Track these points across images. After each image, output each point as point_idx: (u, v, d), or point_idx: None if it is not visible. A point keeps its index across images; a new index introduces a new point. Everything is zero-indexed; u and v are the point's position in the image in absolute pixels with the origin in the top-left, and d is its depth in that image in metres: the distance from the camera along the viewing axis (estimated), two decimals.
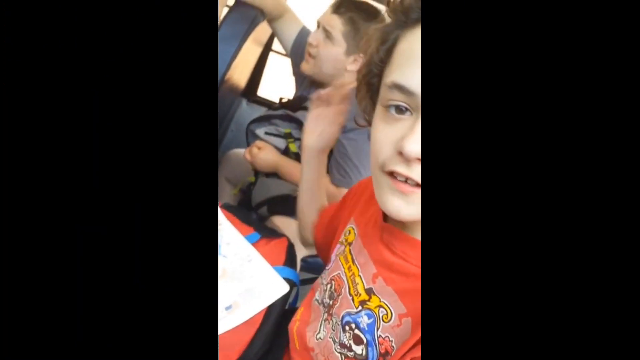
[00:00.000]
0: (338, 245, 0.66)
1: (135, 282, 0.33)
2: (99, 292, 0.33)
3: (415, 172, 0.43)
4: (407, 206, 0.45)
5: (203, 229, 0.34)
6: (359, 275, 0.57)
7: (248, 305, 0.68)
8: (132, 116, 0.34)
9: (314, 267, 0.89)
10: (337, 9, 1.18)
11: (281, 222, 1.26)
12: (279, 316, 0.70)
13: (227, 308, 0.67)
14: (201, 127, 0.35)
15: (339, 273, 0.61)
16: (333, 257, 0.65)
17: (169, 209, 0.34)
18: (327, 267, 0.66)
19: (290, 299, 0.80)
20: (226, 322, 0.65)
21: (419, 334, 0.47)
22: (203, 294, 0.34)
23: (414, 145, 0.41)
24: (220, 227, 0.82)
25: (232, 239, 0.81)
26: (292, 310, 0.74)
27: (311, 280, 0.87)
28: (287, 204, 1.29)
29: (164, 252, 0.34)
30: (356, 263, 0.59)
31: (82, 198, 0.33)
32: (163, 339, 0.33)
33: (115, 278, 0.33)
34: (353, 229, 0.65)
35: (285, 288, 0.73)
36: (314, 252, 1.31)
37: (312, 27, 1.33)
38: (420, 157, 0.42)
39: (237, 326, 0.64)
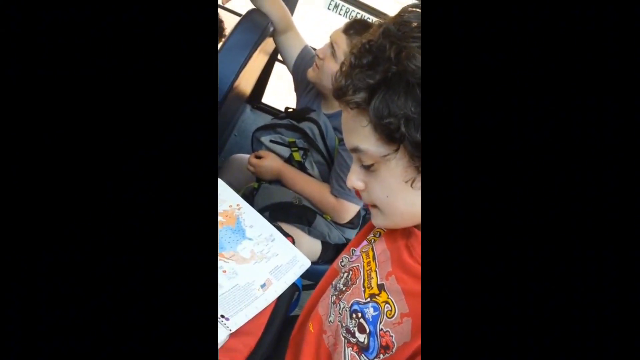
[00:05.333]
0: (365, 242, 0.72)
1: (134, 284, 0.33)
2: (97, 294, 0.33)
3: (364, 198, 0.61)
4: (374, 218, 0.62)
5: (203, 232, 0.35)
6: (375, 271, 0.62)
7: (280, 281, 0.75)
8: (132, 118, 0.35)
9: (314, 274, 0.93)
10: (347, 29, 1.20)
11: (285, 229, 1.29)
12: (281, 324, 0.74)
13: (262, 286, 0.73)
14: (201, 128, 0.36)
15: (358, 266, 0.66)
16: (357, 252, 0.71)
17: (168, 210, 0.35)
18: (350, 259, 0.72)
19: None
20: (262, 299, 0.71)
21: (419, 341, 0.50)
22: (202, 299, 0.34)
23: (348, 181, 0.60)
24: (241, 211, 0.87)
25: (254, 222, 0.86)
26: (294, 318, 0.78)
27: (311, 287, 0.91)
28: (288, 212, 1.32)
29: (163, 254, 0.34)
30: (376, 260, 0.64)
31: (81, 199, 0.33)
32: (162, 342, 0.34)
33: (114, 279, 0.33)
34: (383, 231, 0.70)
35: (307, 262, 0.80)
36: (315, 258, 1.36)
37: (316, 45, 1.36)
38: (358, 189, 0.59)
39: (241, 333, 0.67)
